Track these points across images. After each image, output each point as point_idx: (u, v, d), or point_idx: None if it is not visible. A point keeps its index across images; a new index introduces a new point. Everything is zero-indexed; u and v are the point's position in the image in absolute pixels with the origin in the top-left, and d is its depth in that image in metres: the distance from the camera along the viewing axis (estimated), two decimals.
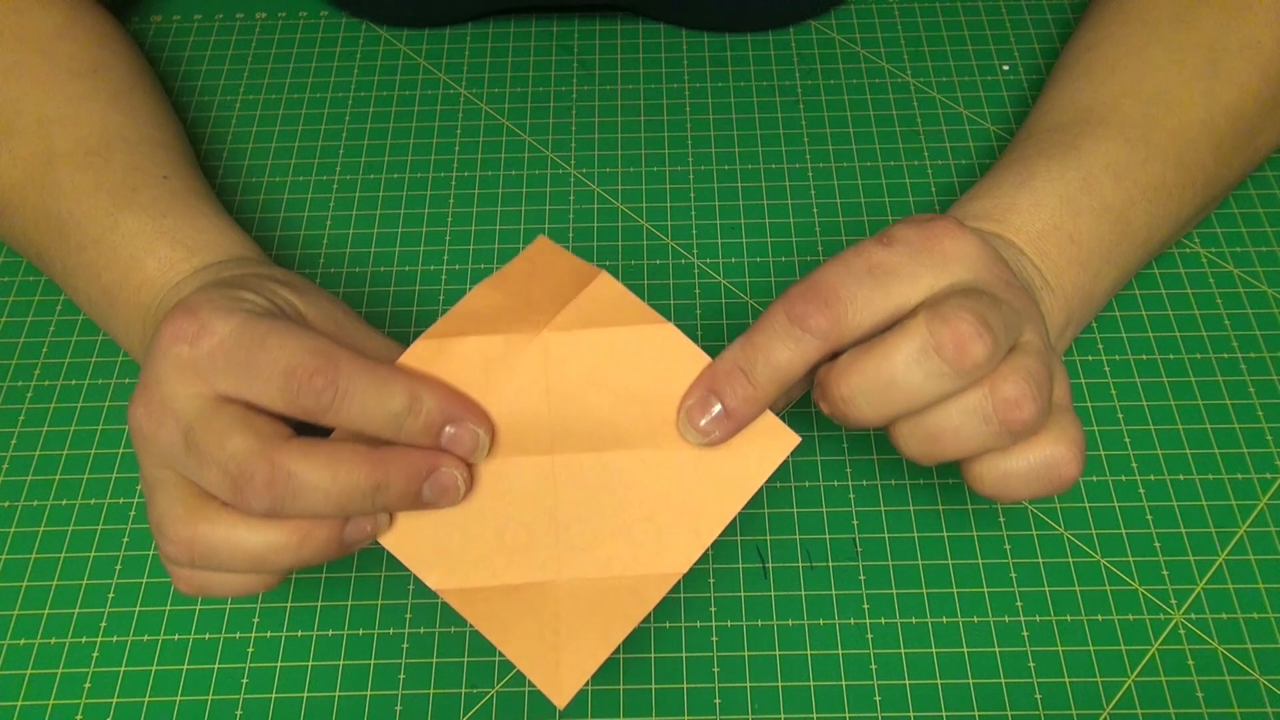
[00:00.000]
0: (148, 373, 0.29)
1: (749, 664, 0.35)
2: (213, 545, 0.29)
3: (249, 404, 0.28)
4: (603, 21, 0.51)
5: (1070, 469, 0.29)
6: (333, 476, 0.28)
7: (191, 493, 0.29)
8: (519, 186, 0.46)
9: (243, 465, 0.27)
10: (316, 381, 0.27)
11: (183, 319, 0.29)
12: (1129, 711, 0.34)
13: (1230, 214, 0.44)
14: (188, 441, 0.28)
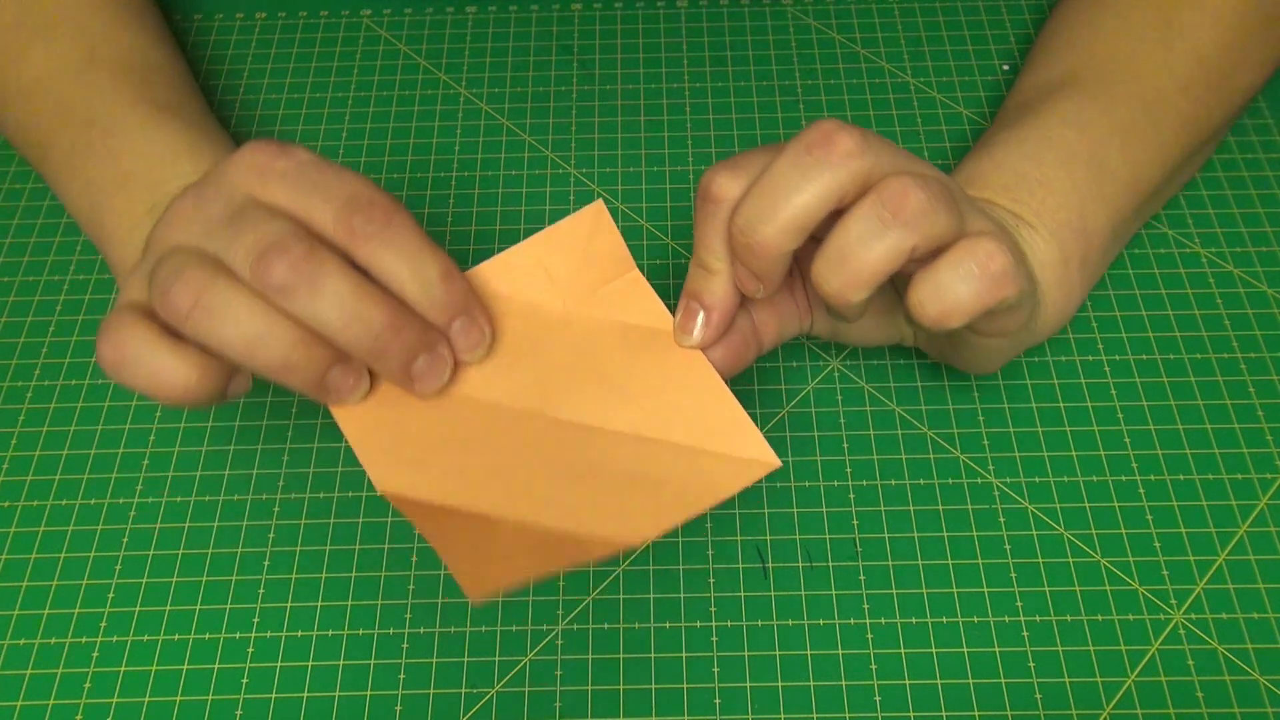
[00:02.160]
0: (208, 175, 0.29)
1: (749, 664, 0.35)
2: (220, 303, 0.27)
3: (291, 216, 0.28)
4: (603, 20, 0.51)
5: (993, 249, 0.28)
6: (355, 297, 0.27)
7: (211, 259, 0.28)
8: (519, 186, 0.46)
9: (283, 238, 0.27)
10: (375, 212, 0.28)
11: (265, 142, 0.29)
12: (1129, 711, 0.34)
13: (1230, 214, 0.44)
14: (232, 216, 0.28)
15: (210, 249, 0.28)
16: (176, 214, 0.29)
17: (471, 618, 0.36)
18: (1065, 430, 0.39)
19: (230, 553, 0.37)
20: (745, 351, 0.33)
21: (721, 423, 0.31)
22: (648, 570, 0.36)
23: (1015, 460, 0.38)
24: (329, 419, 0.40)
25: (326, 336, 0.28)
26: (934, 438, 0.39)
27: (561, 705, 0.34)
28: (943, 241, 0.28)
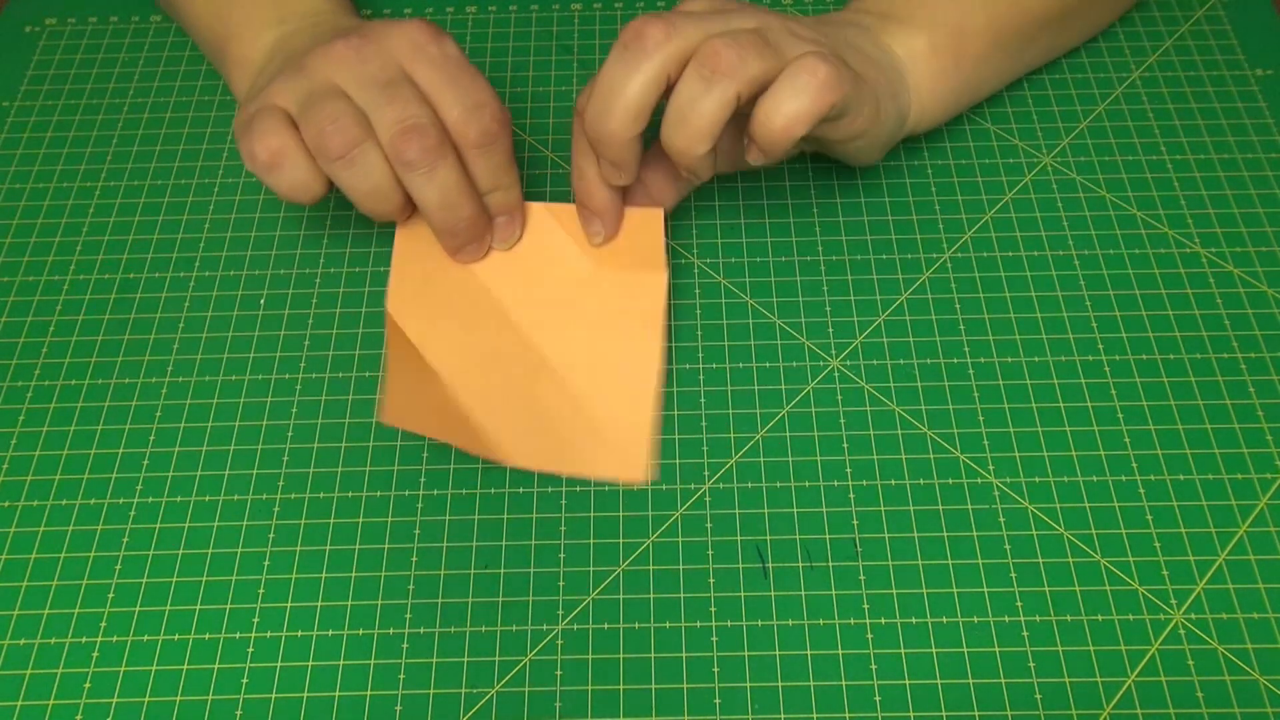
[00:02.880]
0: (370, 28, 0.36)
1: (749, 664, 0.35)
2: (363, 161, 0.34)
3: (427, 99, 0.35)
4: (603, 20, 0.51)
5: (814, 63, 0.32)
6: (456, 191, 0.36)
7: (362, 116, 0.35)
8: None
9: (423, 125, 0.34)
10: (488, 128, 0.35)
11: (426, 25, 0.36)
12: (1129, 711, 0.34)
13: (1230, 214, 0.44)
14: (389, 85, 0.35)
15: (360, 100, 0.35)
16: (337, 55, 0.35)
17: (471, 618, 0.36)
18: (1065, 430, 0.39)
19: (230, 553, 0.37)
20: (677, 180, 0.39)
21: (631, 424, 0.37)
22: (648, 570, 0.36)
23: (1015, 460, 0.38)
24: (329, 419, 0.40)
25: (422, 207, 0.36)
26: (934, 438, 0.39)
27: (561, 705, 0.34)
28: (765, 79, 0.33)
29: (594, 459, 0.37)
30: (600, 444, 0.37)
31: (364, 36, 0.35)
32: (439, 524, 0.37)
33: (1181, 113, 0.47)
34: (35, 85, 0.50)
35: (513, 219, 0.39)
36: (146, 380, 0.41)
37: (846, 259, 0.43)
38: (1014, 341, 0.41)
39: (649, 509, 0.37)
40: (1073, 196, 0.45)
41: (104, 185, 0.46)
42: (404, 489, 0.38)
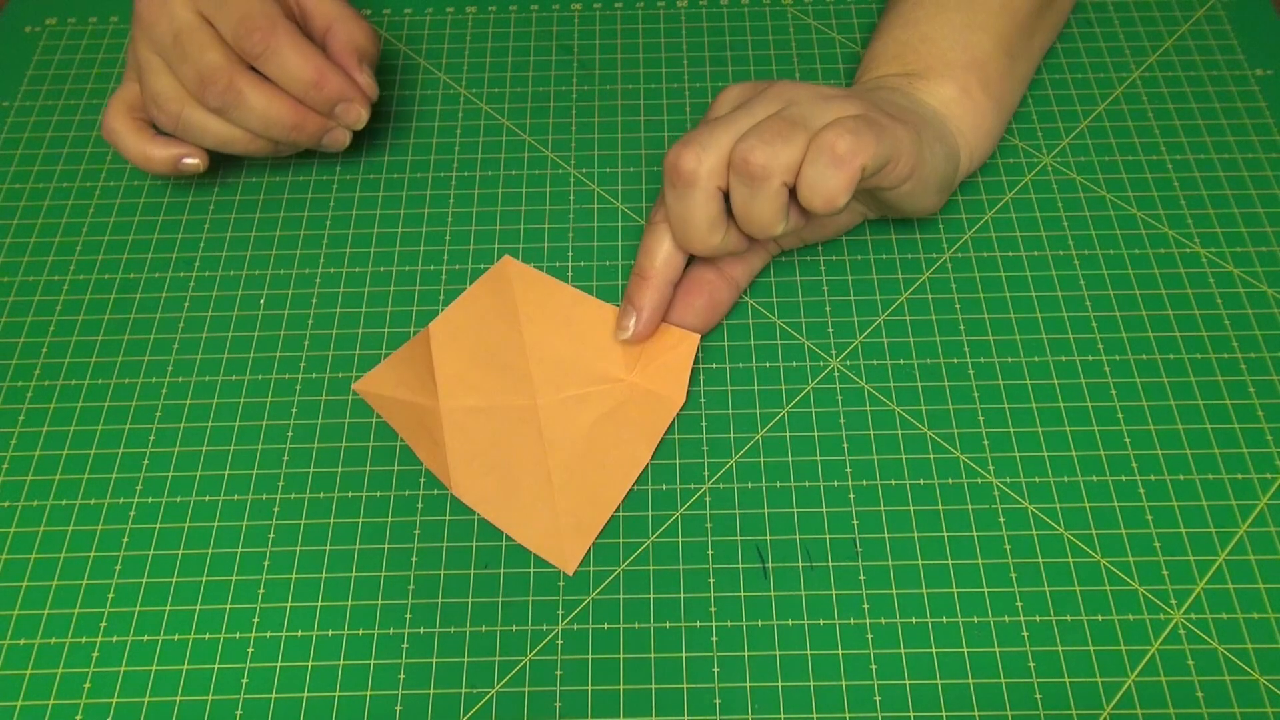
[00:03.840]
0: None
1: (749, 664, 0.35)
2: (191, 121, 0.41)
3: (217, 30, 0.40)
4: (603, 20, 0.51)
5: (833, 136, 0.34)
6: (267, 104, 0.40)
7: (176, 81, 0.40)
8: (519, 186, 0.46)
9: (211, 72, 0.39)
10: (255, 35, 0.39)
11: None
12: (1129, 711, 0.34)
13: (1230, 214, 0.44)
14: (176, 40, 0.40)
15: (169, 62, 0.40)
16: (140, 23, 0.40)
17: (471, 618, 0.36)
18: (1065, 430, 0.39)
19: (230, 553, 0.37)
20: (719, 303, 0.40)
21: (583, 521, 0.37)
22: (648, 570, 0.36)
23: (1015, 460, 0.38)
24: (329, 419, 0.40)
25: (257, 134, 0.41)
26: (934, 438, 0.39)
27: (561, 705, 0.34)
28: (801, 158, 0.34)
29: (533, 532, 0.37)
30: (546, 523, 0.37)
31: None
32: (439, 524, 0.37)
33: (1181, 113, 0.47)
34: (35, 85, 0.50)
35: (348, 105, 0.42)
36: (146, 380, 0.41)
37: (846, 259, 0.43)
38: (1014, 341, 0.41)
39: (649, 509, 0.37)
40: (1073, 196, 0.45)
41: (104, 185, 0.46)
42: (404, 489, 0.38)
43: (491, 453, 0.38)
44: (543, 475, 0.38)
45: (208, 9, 0.40)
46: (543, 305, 0.41)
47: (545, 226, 0.44)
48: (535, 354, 0.40)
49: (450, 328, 0.40)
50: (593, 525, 0.37)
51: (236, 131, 0.41)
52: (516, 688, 0.34)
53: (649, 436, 0.38)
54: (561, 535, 0.36)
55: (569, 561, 0.36)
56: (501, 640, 0.35)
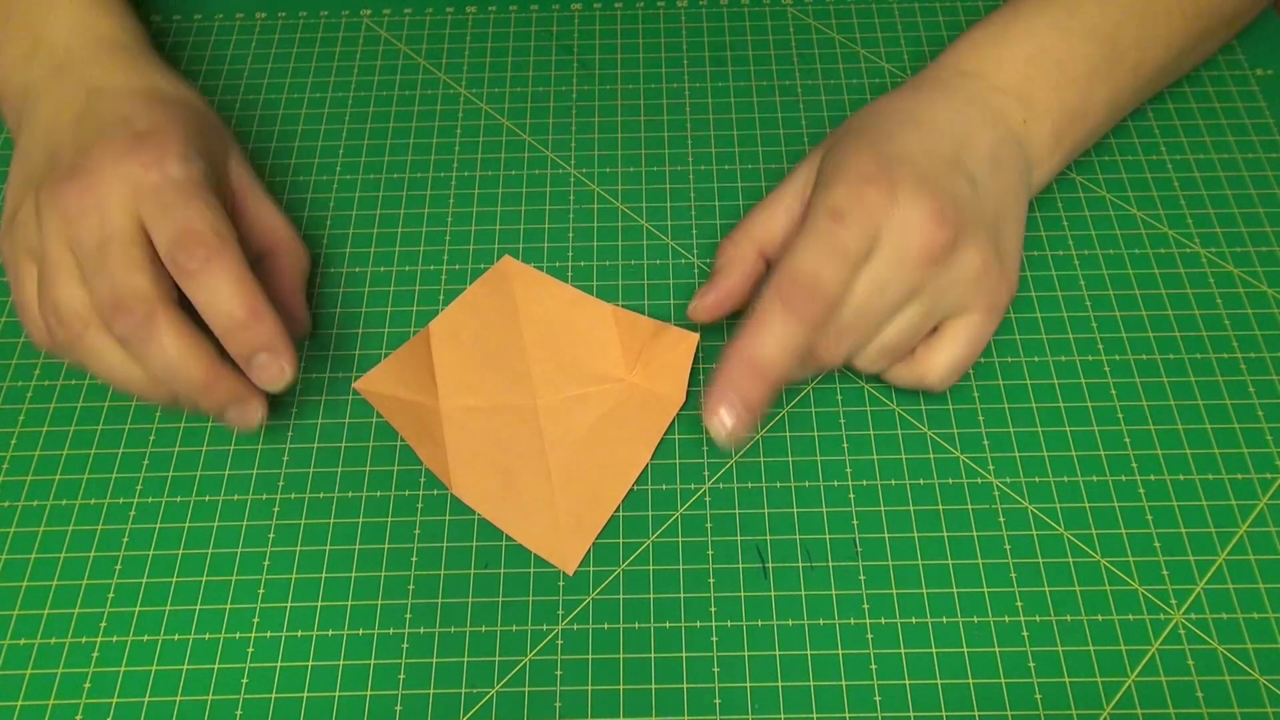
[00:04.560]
0: (91, 161, 0.34)
1: (749, 664, 0.35)
2: (90, 349, 0.34)
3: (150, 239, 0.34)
4: (603, 20, 0.51)
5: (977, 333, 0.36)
6: (180, 357, 0.33)
7: (84, 294, 0.34)
8: (519, 186, 0.46)
9: (130, 298, 0.32)
10: (197, 251, 0.33)
11: (150, 148, 0.34)
12: (1129, 711, 0.34)
13: (1230, 214, 0.44)
14: (101, 248, 0.33)
15: (82, 268, 0.33)
16: (63, 206, 0.34)
17: (471, 618, 0.36)
18: (1065, 430, 0.39)
19: (230, 553, 0.37)
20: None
21: (583, 520, 0.37)
22: (648, 570, 0.36)
23: (1015, 460, 0.38)
24: (329, 419, 0.40)
25: (158, 381, 0.34)
26: (934, 438, 0.39)
27: (561, 705, 0.34)
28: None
29: (533, 532, 0.37)
30: (546, 523, 0.37)
31: (87, 177, 0.34)
32: (439, 524, 0.37)
33: (1181, 113, 0.47)
34: None
35: (273, 355, 0.34)
36: None
37: None
38: (1014, 341, 0.41)
39: (649, 509, 0.37)
40: (1073, 197, 0.45)
41: None
42: (404, 489, 0.38)
43: (491, 452, 0.38)
44: (543, 475, 0.38)
45: (150, 213, 0.33)
46: (543, 305, 0.41)
47: (545, 226, 0.44)
48: (535, 354, 0.40)
49: (450, 327, 0.40)
50: (593, 525, 0.37)
51: (136, 372, 0.34)
52: (516, 688, 0.34)
53: (649, 436, 0.38)
54: (561, 535, 0.36)
55: (569, 561, 0.36)
56: (501, 640, 0.35)
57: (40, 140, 0.37)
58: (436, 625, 0.35)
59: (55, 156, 0.36)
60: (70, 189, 0.34)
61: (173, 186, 0.34)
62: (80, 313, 0.34)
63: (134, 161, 0.34)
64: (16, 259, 0.36)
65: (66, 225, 0.33)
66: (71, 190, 0.34)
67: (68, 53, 0.39)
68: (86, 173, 0.34)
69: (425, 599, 0.36)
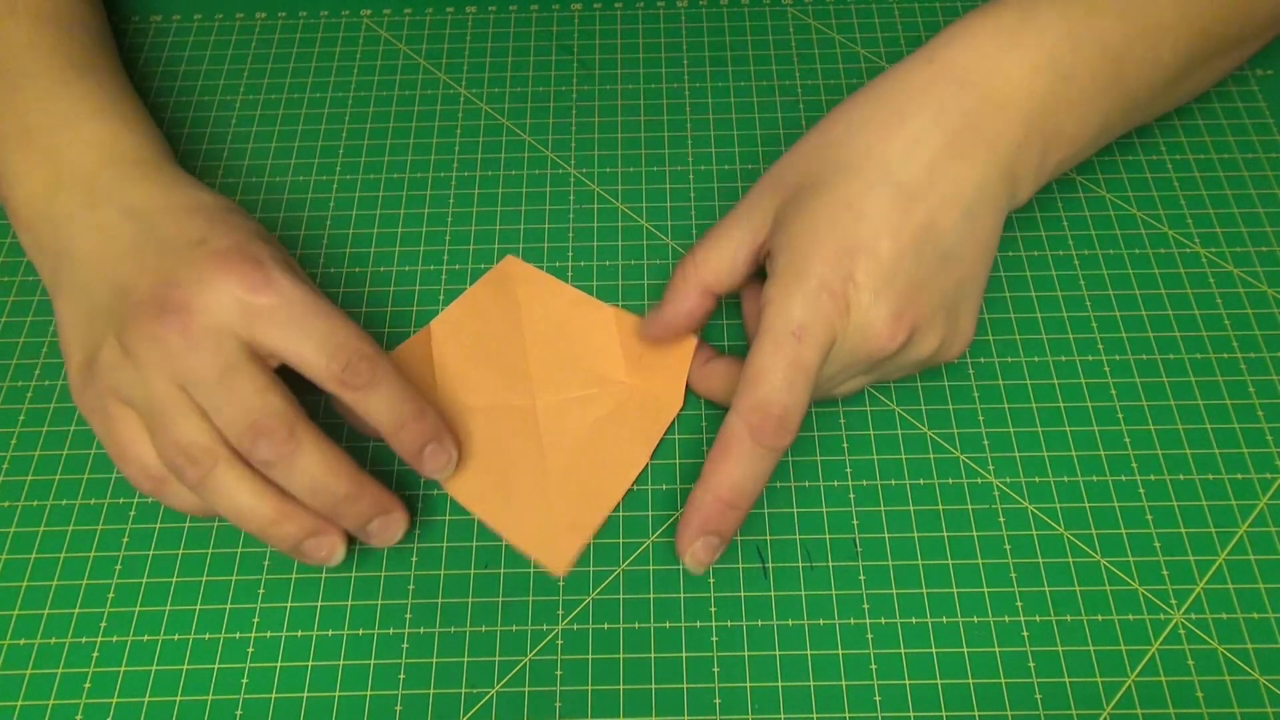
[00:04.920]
0: (183, 291, 0.32)
1: (749, 664, 0.35)
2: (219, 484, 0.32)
3: (282, 361, 0.33)
4: (603, 20, 0.51)
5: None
6: (323, 472, 0.32)
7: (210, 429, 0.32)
8: (519, 186, 0.46)
9: (270, 420, 0.32)
10: (363, 365, 0.33)
11: (249, 267, 0.33)
12: (1129, 711, 0.34)
13: (1230, 214, 0.44)
14: (224, 377, 0.32)
15: (200, 401, 0.32)
16: (163, 342, 0.32)
17: (471, 618, 0.36)
18: (1065, 430, 0.39)
19: (230, 553, 0.37)
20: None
21: (577, 522, 0.37)
22: (648, 570, 0.36)
23: (1015, 460, 0.38)
24: (329, 419, 0.40)
25: (299, 500, 0.33)
26: (934, 438, 0.39)
27: (561, 705, 0.34)
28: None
29: (526, 533, 0.36)
30: (540, 523, 0.37)
31: (183, 310, 0.32)
32: (439, 524, 0.37)
33: (1181, 112, 0.47)
34: None
35: (440, 445, 0.35)
36: None
37: None
38: (1014, 341, 0.41)
39: (649, 509, 0.37)
40: (1073, 197, 0.45)
41: None
42: (404, 489, 0.38)
43: (489, 452, 0.38)
44: (539, 475, 0.38)
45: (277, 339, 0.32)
46: (545, 305, 0.41)
47: (545, 226, 0.44)
48: (535, 354, 0.40)
49: (451, 326, 0.40)
50: (588, 526, 0.37)
51: (265, 506, 0.33)
52: (516, 688, 0.34)
53: (647, 439, 0.38)
54: (555, 535, 0.36)
55: (560, 562, 0.36)
56: (501, 640, 0.35)
57: (95, 275, 0.35)
58: (436, 625, 0.35)
59: (125, 290, 0.33)
60: (170, 323, 0.32)
61: (294, 305, 0.33)
62: (210, 448, 0.32)
63: (239, 286, 0.32)
64: (106, 405, 0.33)
65: (172, 361, 0.32)
66: (172, 325, 0.32)
67: (95, 178, 0.36)
68: (184, 305, 0.32)
69: (425, 599, 0.36)
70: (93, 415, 0.34)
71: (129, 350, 0.32)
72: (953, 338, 0.35)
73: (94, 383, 0.34)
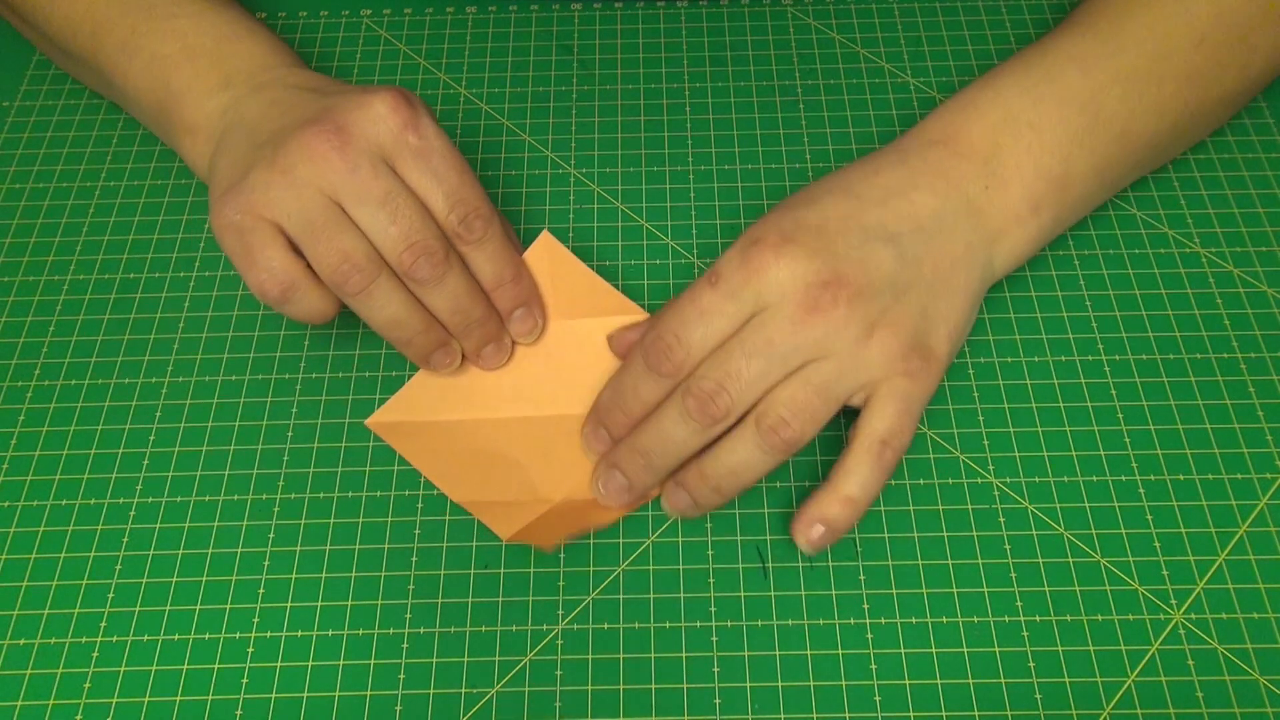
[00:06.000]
0: (346, 116, 0.34)
1: (749, 664, 0.35)
2: (380, 295, 0.35)
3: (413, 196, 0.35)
4: (603, 20, 0.51)
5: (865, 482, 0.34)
6: (466, 296, 0.36)
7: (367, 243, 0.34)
8: (519, 186, 0.46)
9: (426, 240, 0.34)
10: (478, 222, 0.35)
11: (405, 106, 0.35)
12: (1129, 711, 0.34)
13: (1230, 214, 0.44)
14: (388, 197, 0.34)
15: (359, 217, 0.34)
16: (321, 157, 0.34)
17: (471, 618, 0.36)
18: (1065, 430, 0.39)
19: (230, 553, 0.37)
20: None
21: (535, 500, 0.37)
22: (648, 570, 0.36)
23: (1015, 460, 0.38)
24: (329, 419, 0.40)
25: (437, 316, 0.36)
26: (934, 438, 0.39)
27: (561, 705, 0.34)
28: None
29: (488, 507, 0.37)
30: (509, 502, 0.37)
31: (341, 131, 0.34)
32: (439, 524, 0.37)
33: None
34: (35, 85, 0.50)
35: (529, 310, 0.38)
36: (146, 380, 0.41)
37: None
38: (1014, 341, 0.41)
39: (649, 509, 0.37)
40: None
41: (104, 185, 0.46)
42: (404, 489, 0.38)
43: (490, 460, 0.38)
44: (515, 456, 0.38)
45: (418, 176, 0.35)
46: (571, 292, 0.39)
47: (545, 227, 0.44)
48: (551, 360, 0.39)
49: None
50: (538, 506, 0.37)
51: (416, 317, 0.35)
52: (516, 688, 0.34)
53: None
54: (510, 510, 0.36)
55: (506, 530, 0.36)
56: (501, 640, 0.35)
57: (262, 129, 0.36)
58: (436, 625, 0.35)
59: (289, 123, 0.35)
60: (331, 140, 0.34)
61: (434, 151, 0.35)
62: (375, 258, 0.34)
63: (393, 118, 0.34)
64: (244, 220, 0.34)
65: (331, 177, 0.34)
66: (332, 142, 0.34)
67: (259, 75, 0.39)
68: (343, 127, 0.34)
69: (425, 599, 0.36)
70: (226, 231, 0.35)
71: (285, 168, 0.34)
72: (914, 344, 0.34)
73: (236, 198, 0.34)
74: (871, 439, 0.34)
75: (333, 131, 0.34)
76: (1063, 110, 0.38)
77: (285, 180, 0.34)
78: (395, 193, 0.34)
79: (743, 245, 0.35)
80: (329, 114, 0.34)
